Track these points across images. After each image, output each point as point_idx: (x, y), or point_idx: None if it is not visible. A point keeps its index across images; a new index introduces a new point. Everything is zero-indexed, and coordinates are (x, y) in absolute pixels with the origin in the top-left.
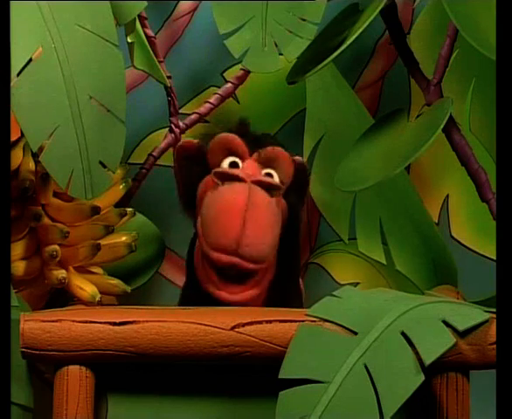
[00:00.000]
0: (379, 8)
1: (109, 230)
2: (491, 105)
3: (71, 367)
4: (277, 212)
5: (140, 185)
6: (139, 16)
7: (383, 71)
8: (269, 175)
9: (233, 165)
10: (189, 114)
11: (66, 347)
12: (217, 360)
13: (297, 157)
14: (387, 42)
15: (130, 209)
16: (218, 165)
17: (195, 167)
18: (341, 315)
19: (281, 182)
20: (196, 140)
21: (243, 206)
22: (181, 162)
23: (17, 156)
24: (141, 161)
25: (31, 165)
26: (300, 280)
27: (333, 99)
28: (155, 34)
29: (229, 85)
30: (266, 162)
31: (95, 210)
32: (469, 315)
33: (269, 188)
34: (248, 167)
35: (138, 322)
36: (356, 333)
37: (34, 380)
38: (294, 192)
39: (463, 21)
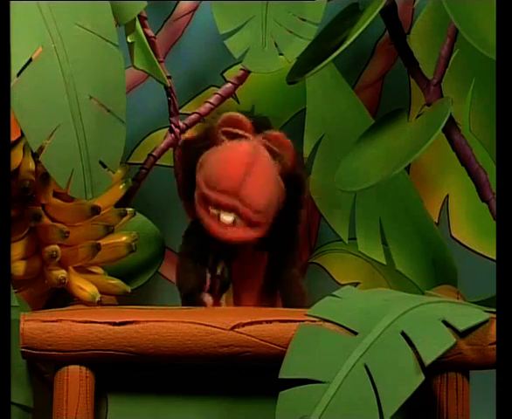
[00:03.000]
0: (379, 8)
1: (109, 230)
2: (491, 105)
3: (71, 367)
4: (277, 177)
5: (140, 185)
6: (139, 16)
7: (383, 71)
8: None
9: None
10: (189, 114)
11: (66, 347)
12: (217, 360)
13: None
14: (387, 42)
15: (130, 209)
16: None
17: (199, 152)
18: (341, 315)
19: (283, 163)
20: (192, 133)
21: (247, 158)
22: (185, 152)
23: (17, 156)
24: (141, 161)
25: (31, 165)
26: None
27: (333, 99)
28: (155, 34)
29: (229, 85)
30: (270, 141)
31: (95, 210)
32: (469, 315)
33: (273, 152)
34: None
35: (138, 322)
36: (356, 333)
37: (34, 380)
38: (294, 183)
39: (463, 21)
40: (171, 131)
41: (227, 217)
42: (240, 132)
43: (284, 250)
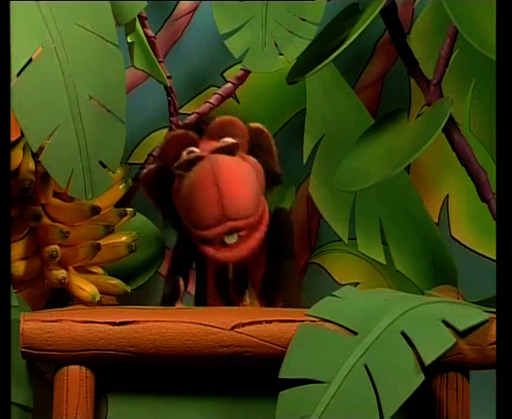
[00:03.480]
0: (379, 8)
1: (109, 230)
2: (491, 105)
3: (71, 367)
4: (245, 165)
5: (140, 185)
6: (139, 16)
7: (383, 71)
8: (224, 142)
9: (190, 153)
10: (189, 114)
11: (66, 347)
12: (217, 360)
13: (253, 123)
14: (387, 42)
15: (130, 209)
16: (176, 159)
17: (162, 183)
18: (341, 315)
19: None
20: (152, 166)
21: (210, 175)
22: (149, 189)
23: (17, 156)
24: (141, 161)
25: (31, 165)
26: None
27: (333, 99)
28: (155, 34)
29: (229, 85)
30: (217, 135)
31: (95, 210)
32: (469, 315)
33: (227, 150)
34: (203, 146)
35: (138, 322)
36: (356, 333)
37: (34, 380)
38: (260, 152)
39: (463, 21)
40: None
41: (230, 240)
42: (189, 156)
43: (280, 240)
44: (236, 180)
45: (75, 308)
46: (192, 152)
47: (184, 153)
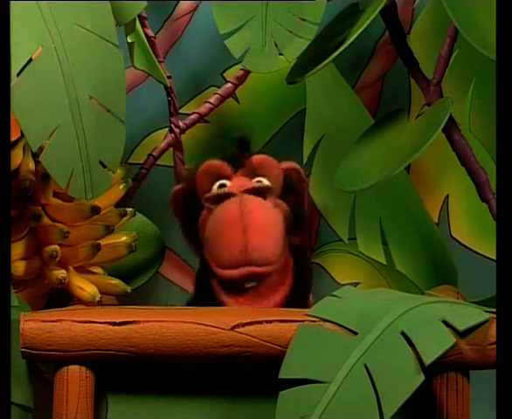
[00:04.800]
0: (379, 8)
1: (109, 230)
2: (491, 105)
3: (71, 367)
4: (275, 212)
5: (140, 185)
6: (139, 16)
7: (383, 71)
8: (259, 182)
9: (222, 186)
10: (189, 114)
11: (66, 347)
12: (217, 360)
13: (288, 163)
14: (387, 42)
15: (130, 209)
16: (208, 190)
17: (190, 207)
18: (341, 315)
19: (272, 184)
20: (184, 184)
21: (238, 216)
22: (177, 208)
23: (17, 156)
24: (141, 161)
25: (31, 165)
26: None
27: (333, 99)
28: (155, 34)
29: (229, 85)
30: (252, 173)
31: (95, 210)
32: (469, 315)
33: (260, 191)
34: (237, 182)
35: (138, 322)
36: (356, 333)
37: (34, 380)
38: (292, 195)
39: (463, 21)
40: (171, 131)
41: (249, 284)
42: (220, 191)
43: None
44: (264, 226)
45: (75, 308)
46: (224, 185)
47: (216, 186)
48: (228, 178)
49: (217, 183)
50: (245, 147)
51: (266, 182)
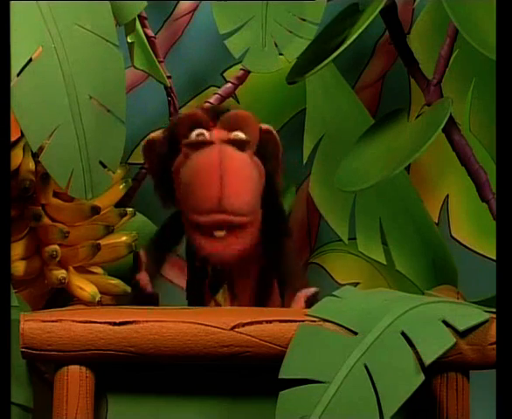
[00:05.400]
0: (379, 8)
1: (109, 230)
2: (491, 105)
3: (71, 367)
4: (252, 166)
5: (140, 185)
6: (139, 16)
7: (383, 71)
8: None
9: (200, 135)
10: None
11: (66, 347)
12: (217, 360)
13: (265, 125)
14: (387, 42)
15: (130, 209)
16: (186, 137)
17: (166, 154)
18: (341, 315)
19: (250, 140)
20: (158, 133)
21: (217, 164)
22: (151, 158)
23: (17, 156)
24: (141, 161)
25: (31, 165)
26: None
27: (333, 99)
28: (155, 34)
29: (229, 85)
30: (231, 126)
31: (95, 210)
32: (469, 315)
33: (238, 144)
34: (215, 133)
35: (138, 322)
36: (356, 333)
37: (34, 380)
38: (267, 158)
39: (463, 21)
40: None
41: (219, 233)
42: (200, 138)
43: (274, 223)
44: (240, 176)
45: (75, 308)
46: (202, 135)
47: (194, 133)
48: (207, 128)
49: (196, 132)
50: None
51: (243, 135)
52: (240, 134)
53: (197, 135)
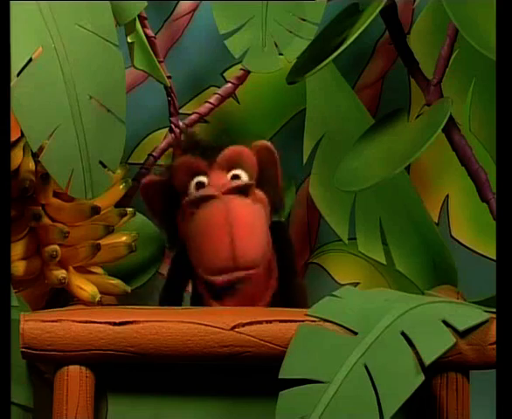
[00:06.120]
0: (379, 8)
1: (109, 230)
2: (491, 105)
3: (71, 367)
4: (257, 209)
5: (140, 185)
6: (139, 16)
7: (383, 71)
8: (236, 176)
9: (200, 185)
10: (189, 114)
11: (66, 347)
12: (217, 360)
13: (259, 142)
14: (387, 42)
15: (130, 209)
16: (185, 187)
17: (164, 198)
18: (341, 315)
19: (250, 177)
20: (156, 176)
21: (224, 221)
22: (149, 200)
23: (17, 156)
24: (141, 161)
25: (31, 165)
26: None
27: (333, 99)
28: (155, 34)
29: (229, 85)
30: (228, 165)
31: (95, 210)
32: (469, 315)
33: (241, 190)
34: (214, 179)
35: (138, 322)
36: (356, 333)
37: (34, 380)
38: (267, 176)
39: (463, 21)
40: (171, 131)
41: (238, 286)
42: (202, 194)
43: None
44: (249, 227)
45: (75, 308)
46: (202, 184)
47: (193, 185)
48: (204, 173)
49: (195, 181)
50: (193, 142)
51: (243, 174)
52: (239, 174)
53: (197, 186)
